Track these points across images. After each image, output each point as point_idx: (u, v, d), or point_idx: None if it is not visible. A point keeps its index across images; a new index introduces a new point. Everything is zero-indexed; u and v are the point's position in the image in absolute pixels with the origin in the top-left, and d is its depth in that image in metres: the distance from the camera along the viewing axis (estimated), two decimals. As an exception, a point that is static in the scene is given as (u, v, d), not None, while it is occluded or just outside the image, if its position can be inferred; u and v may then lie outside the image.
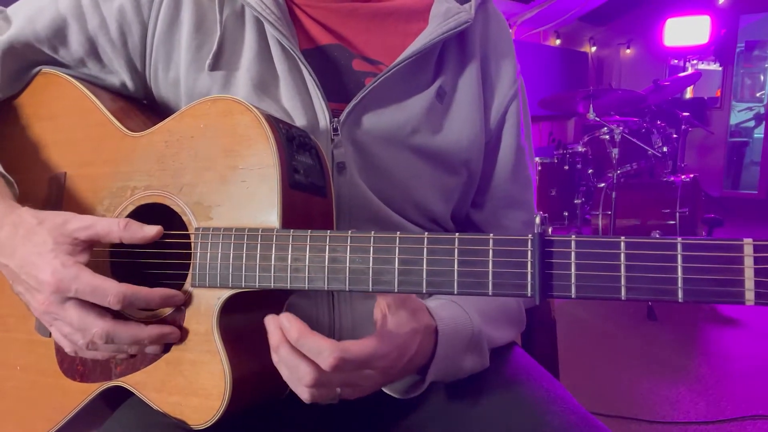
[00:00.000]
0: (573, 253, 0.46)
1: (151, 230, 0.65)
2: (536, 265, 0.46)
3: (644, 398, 2.23)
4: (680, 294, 0.42)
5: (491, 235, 0.50)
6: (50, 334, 0.71)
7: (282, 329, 0.58)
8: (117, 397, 0.69)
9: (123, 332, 0.62)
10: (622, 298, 0.43)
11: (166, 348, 0.66)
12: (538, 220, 0.46)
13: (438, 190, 0.81)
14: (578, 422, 0.65)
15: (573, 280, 0.46)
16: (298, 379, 0.58)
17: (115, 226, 0.64)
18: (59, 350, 0.71)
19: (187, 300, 0.65)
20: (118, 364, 0.68)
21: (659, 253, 0.44)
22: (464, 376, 0.70)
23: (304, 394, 0.59)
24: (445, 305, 0.69)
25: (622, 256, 0.45)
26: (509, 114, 0.85)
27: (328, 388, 0.59)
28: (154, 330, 0.63)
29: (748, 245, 0.41)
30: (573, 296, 0.45)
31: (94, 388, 0.69)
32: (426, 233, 0.54)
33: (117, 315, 0.65)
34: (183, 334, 0.65)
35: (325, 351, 0.55)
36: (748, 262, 0.41)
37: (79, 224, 0.64)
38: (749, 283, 0.41)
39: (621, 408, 2.13)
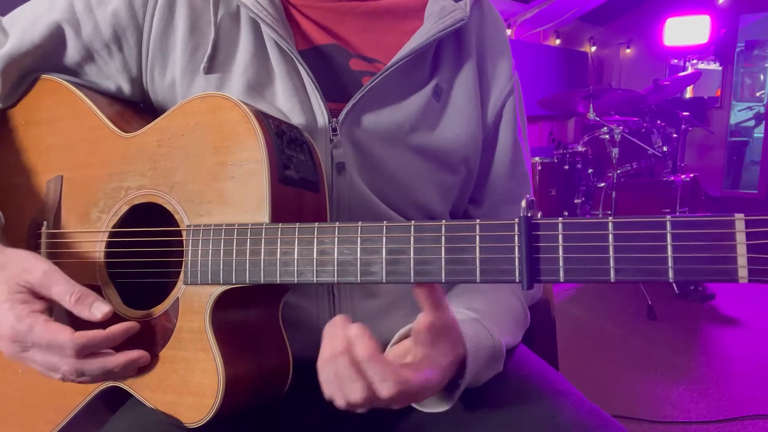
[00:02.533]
0: (560, 236, 0.45)
1: (99, 312, 0.63)
2: (523, 250, 0.45)
3: (644, 398, 2.22)
4: (671, 273, 0.41)
5: (477, 221, 0.49)
6: None
7: (348, 339, 0.54)
8: (116, 399, 0.69)
9: (91, 366, 0.62)
10: (612, 280, 0.42)
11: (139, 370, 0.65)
12: (524, 203, 0.45)
13: (437, 189, 0.81)
14: (590, 416, 0.65)
15: (561, 263, 0.45)
16: (345, 393, 0.56)
17: (67, 297, 0.63)
18: None
19: (181, 297, 0.64)
20: None
21: (648, 232, 0.43)
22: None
23: (340, 401, 0.57)
24: (465, 325, 0.67)
25: (610, 237, 0.44)
26: (506, 110, 0.84)
27: (369, 406, 0.57)
28: (121, 358, 0.63)
29: (739, 221, 0.40)
30: (561, 280, 0.44)
31: (91, 389, 0.69)
32: (413, 222, 0.53)
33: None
34: (177, 333, 0.64)
35: (390, 380, 0.54)
36: (740, 238, 0.40)
37: (37, 280, 0.63)
38: (742, 259, 0.40)
39: (621, 408, 2.12)
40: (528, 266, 0.45)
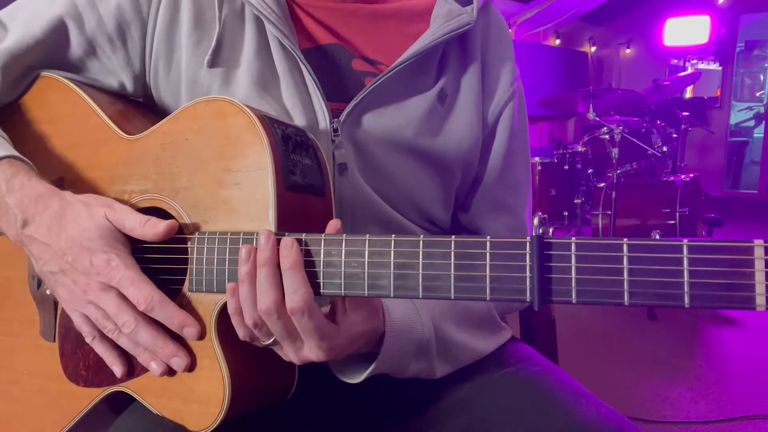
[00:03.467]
0: (573, 257, 0.45)
1: (162, 225, 0.63)
2: (535, 269, 0.45)
3: (644, 398, 2.23)
4: (687, 299, 0.40)
5: (488, 237, 0.49)
6: (54, 338, 0.71)
7: (279, 250, 0.56)
8: (122, 402, 0.69)
9: (146, 332, 0.61)
10: (625, 304, 0.42)
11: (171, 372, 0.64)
12: (536, 221, 0.45)
13: (439, 194, 0.81)
14: (608, 416, 0.65)
15: (573, 284, 0.44)
16: (254, 303, 0.56)
17: (137, 224, 0.63)
18: (64, 355, 0.71)
19: (185, 305, 0.64)
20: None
21: (664, 256, 0.42)
22: (408, 377, 0.69)
23: (247, 318, 0.57)
24: (400, 305, 0.67)
25: (625, 259, 0.43)
26: (503, 117, 0.84)
27: (270, 328, 0.57)
28: (170, 348, 0.62)
29: (759, 247, 0.39)
30: (574, 301, 0.43)
31: (97, 393, 0.69)
32: (421, 236, 0.52)
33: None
34: (181, 340, 0.63)
35: (301, 294, 0.54)
36: (759, 265, 0.39)
37: (115, 215, 0.64)
38: (760, 287, 0.39)
39: (621, 408, 2.10)
40: (539, 286, 0.45)
